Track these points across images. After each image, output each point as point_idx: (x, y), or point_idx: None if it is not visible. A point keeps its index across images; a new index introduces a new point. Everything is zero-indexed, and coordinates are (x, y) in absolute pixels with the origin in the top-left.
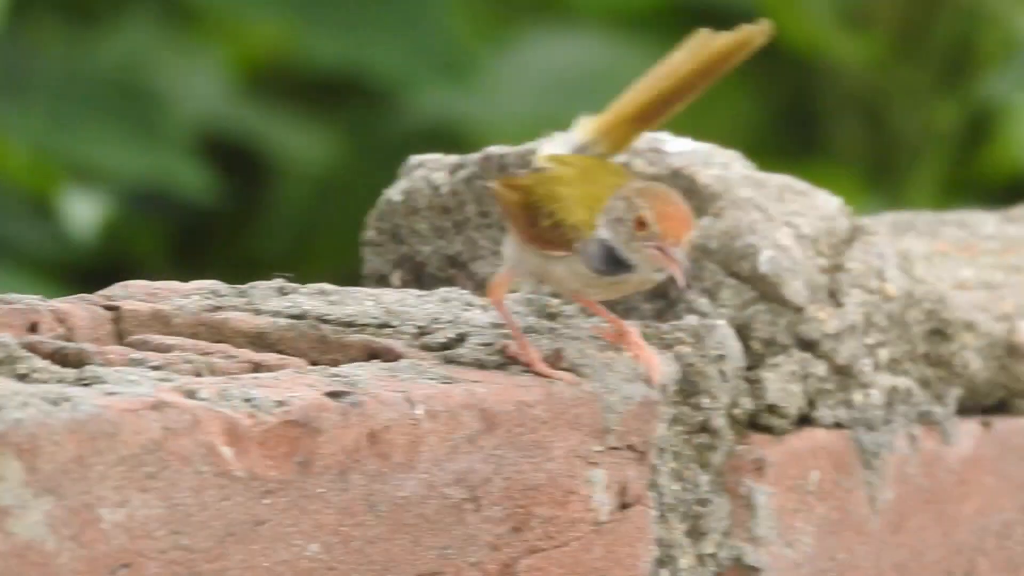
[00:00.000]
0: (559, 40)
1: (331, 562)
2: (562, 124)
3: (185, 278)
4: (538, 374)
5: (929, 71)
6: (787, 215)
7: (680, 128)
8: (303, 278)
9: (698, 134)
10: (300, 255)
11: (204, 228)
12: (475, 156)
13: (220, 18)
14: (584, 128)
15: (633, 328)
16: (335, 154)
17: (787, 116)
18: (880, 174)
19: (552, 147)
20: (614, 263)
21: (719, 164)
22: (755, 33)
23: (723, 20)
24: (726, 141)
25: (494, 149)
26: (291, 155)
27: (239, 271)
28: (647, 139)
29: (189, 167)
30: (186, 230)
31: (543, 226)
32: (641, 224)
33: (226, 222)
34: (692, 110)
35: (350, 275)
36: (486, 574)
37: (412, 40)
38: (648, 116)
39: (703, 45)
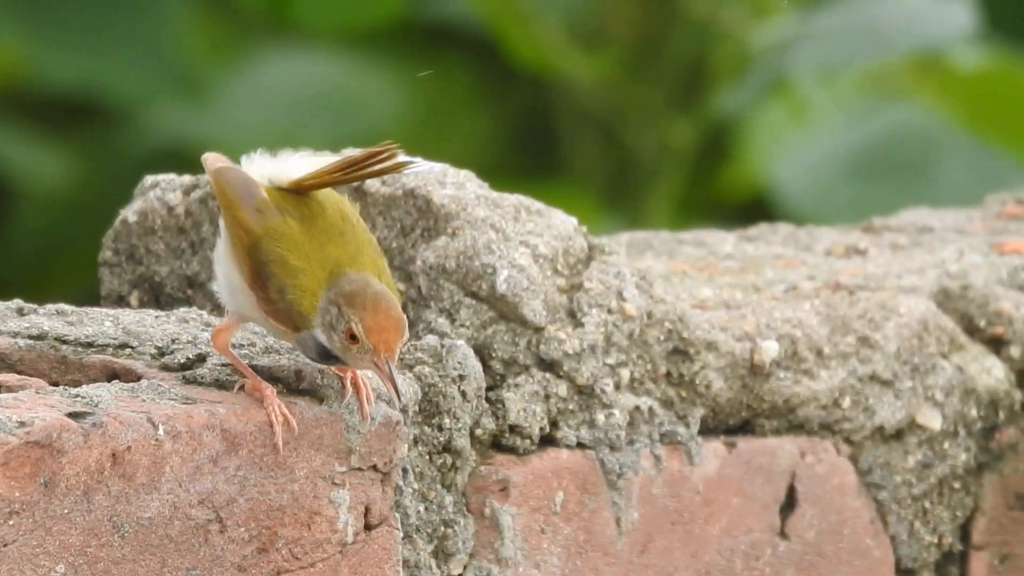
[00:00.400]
0: (293, 58)
1: None
2: (296, 141)
3: None
4: (268, 415)
5: (663, 88)
6: (524, 235)
7: (417, 146)
8: (44, 298)
9: (435, 152)
10: (41, 276)
11: None
12: (209, 176)
13: None
14: (280, 170)
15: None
16: (74, 174)
17: (524, 135)
18: (618, 193)
19: (260, 167)
20: (329, 357)
21: (453, 183)
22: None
23: (454, 39)
24: (463, 160)
25: (212, 155)
26: (29, 175)
27: None
28: None
29: None
30: None
31: (272, 296)
32: (352, 338)
33: None
34: (429, 129)
35: (91, 296)
36: None
37: (147, 58)
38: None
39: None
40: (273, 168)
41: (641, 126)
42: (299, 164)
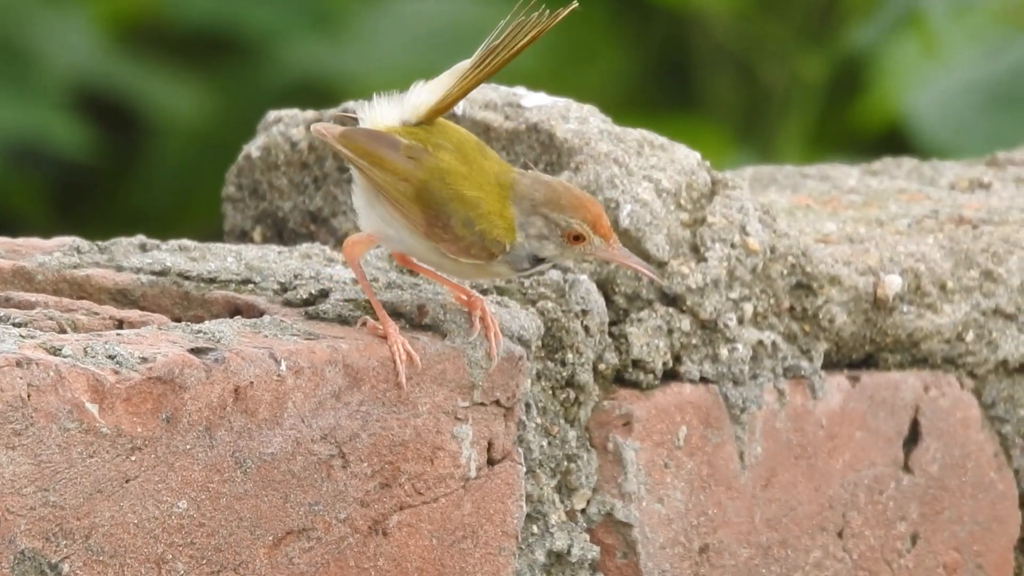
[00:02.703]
0: None
1: (200, 518)
2: (432, 75)
3: (62, 232)
4: (391, 352)
5: (796, 22)
6: (647, 169)
7: (551, 82)
8: (180, 233)
9: (572, 87)
10: (175, 209)
11: (80, 183)
12: (332, 111)
13: None
14: (415, 103)
15: (483, 300)
16: (208, 109)
17: (659, 69)
18: (750, 127)
19: (383, 112)
20: (537, 263)
21: (576, 118)
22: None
23: None
24: (599, 94)
25: (351, 104)
26: (165, 110)
27: (116, 224)
28: (503, 93)
29: (63, 123)
30: (63, 184)
31: (459, 233)
32: (577, 239)
33: (102, 176)
34: (564, 64)
35: (217, 231)
36: (356, 530)
37: None
38: (467, 94)
39: (517, 32)
40: (398, 108)
41: (774, 60)
42: (422, 94)
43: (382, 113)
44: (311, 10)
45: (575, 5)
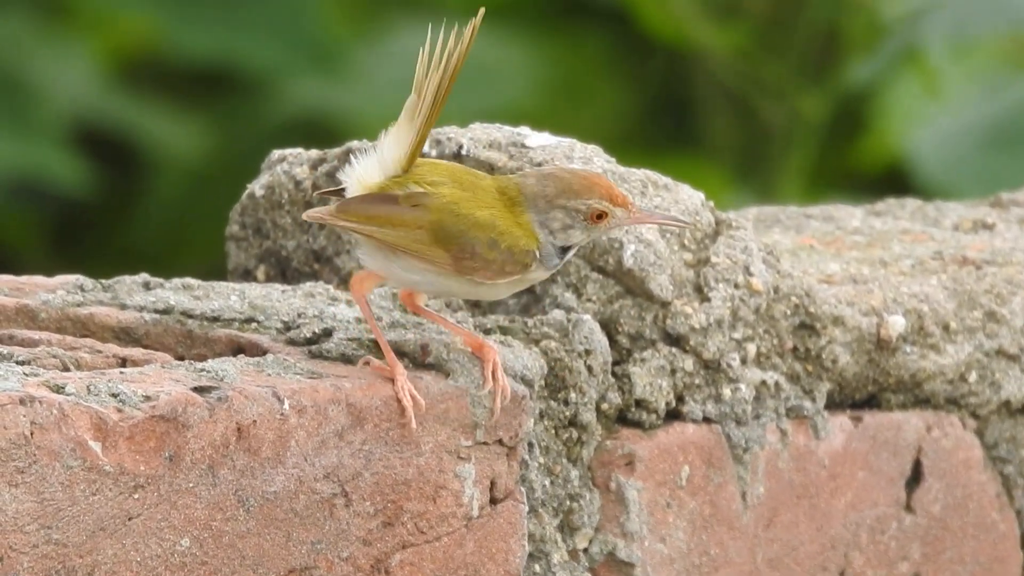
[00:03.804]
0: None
1: (203, 556)
2: None
3: (60, 268)
4: (396, 396)
5: (795, 60)
6: (651, 209)
7: (548, 120)
8: (177, 270)
9: (569, 124)
10: (173, 246)
11: (78, 218)
12: (336, 150)
13: (92, 9)
14: (392, 156)
15: (494, 350)
16: (208, 145)
17: (657, 106)
18: (750, 165)
19: (365, 171)
20: (565, 252)
21: (580, 159)
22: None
23: (589, 10)
24: (596, 131)
25: (355, 143)
26: (164, 146)
27: (113, 261)
28: (507, 133)
29: (62, 158)
30: (60, 220)
31: (488, 257)
32: (600, 217)
33: (100, 213)
34: (563, 101)
35: (219, 269)
36: (358, 569)
37: (283, 31)
38: (431, 128)
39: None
40: (377, 164)
41: (773, 98)
42: (393, 146)
43: (365, 172)
44: (311, 47)
45: (482, 11)
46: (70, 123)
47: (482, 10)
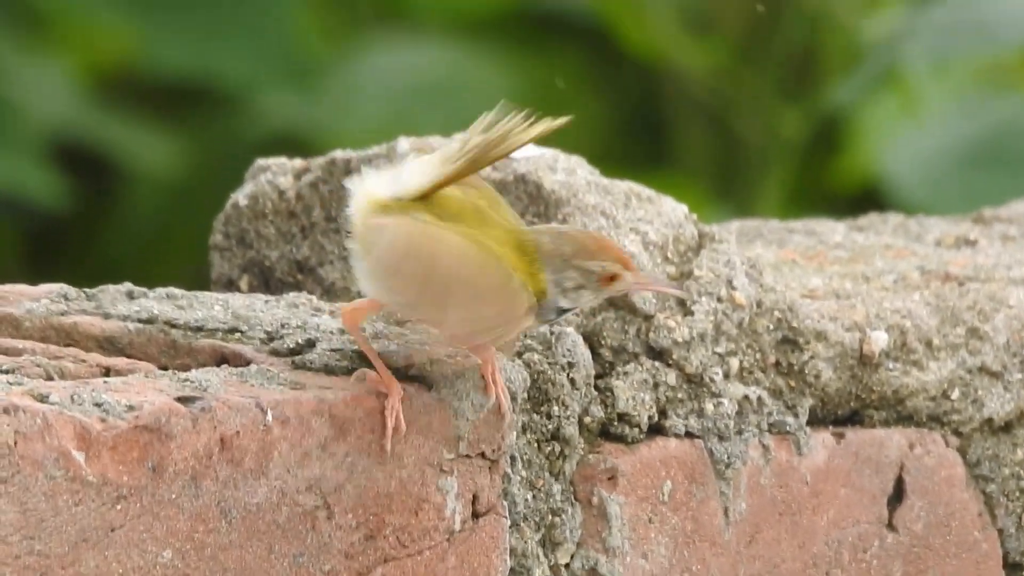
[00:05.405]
0: (404, 47)
1: (185, 569)
2: (408, 131)
3: (37, 282)
4: (383, 413)
5: (774, 78)
6: (634, 222)
7: None
8: (153, 282)
9: (544, 140)
10: (151, 259)
11: (56, 233)
12: (320, 160)
13: (68, 24)
14: (408, 184)
15: (493, 353)
16: (184, 160)
17: (633, 123)
18: (727, 182)
19: (375, 184)
20: (561, 313)
21: (564, 170)
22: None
23: (565, 27)
24: (572, 147)
25: (339, 153)
26: (141, 160)
27: (91, 275)
28: None
29: (39, 173)
30: (37, 235)
31: None
32: (611, 279)
33: (77, 227)
34: (539, 117)
35: (201, 279)
36: None
37: (259, 45)
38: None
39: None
40: (390, 182)
41: (751, 116)
42: (414, 176)
43: (375, 186)
44: (288, 62)
45: (569, 118)
46: (47, 138)
47: (567, 119)
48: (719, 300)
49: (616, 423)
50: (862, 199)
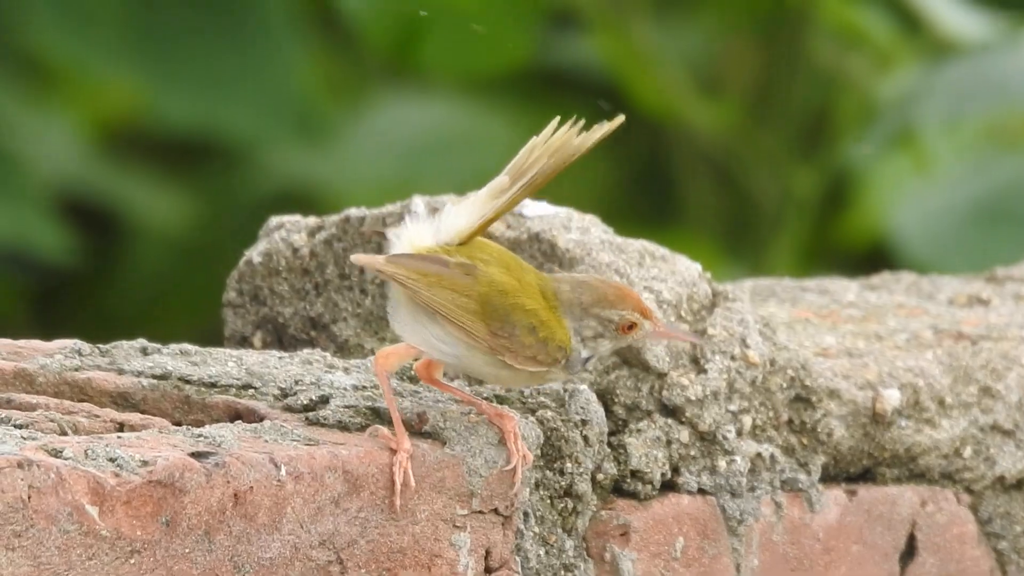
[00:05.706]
0: (412, 103)
1: None
2: (417, 188)
3: (43, 336)
4: (391, 470)
5: (786, 136)
6: (648, 280)
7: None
8: (159, 338)
9: (554, 197)
10: (157, 315)
11: (62, 287)
12: (334, 218)
13: (75, 78)
14: (451, 227)
15: (513, 419)
16: (191, 215)
17: (643, 181)
18: (738, 240)
19: (416, 232)
20: (586, 362)
21: (578, 228)
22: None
23: (578, 85)
24: (581, 205)
25: (353, 211)
26: (147, 215)
27: (98, 329)
28: None
29: (46, 227)
30: (44, 289)
31: (525, 341)
32: (630, 328)
33: (84, 282)
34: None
35: (207, 335)
36: None
37: (266, 101)
38: (503, 214)
39: (564, 142)
40: (431, 230)
41: (762, 174)
42: (459, 217)
43: (417, 234)
44: (294, 117)
45: (621, 118)
46: (53, 192)
47: (620, 118)
48: (732, 358)
49: (629, 480)
50: (872, 256)
